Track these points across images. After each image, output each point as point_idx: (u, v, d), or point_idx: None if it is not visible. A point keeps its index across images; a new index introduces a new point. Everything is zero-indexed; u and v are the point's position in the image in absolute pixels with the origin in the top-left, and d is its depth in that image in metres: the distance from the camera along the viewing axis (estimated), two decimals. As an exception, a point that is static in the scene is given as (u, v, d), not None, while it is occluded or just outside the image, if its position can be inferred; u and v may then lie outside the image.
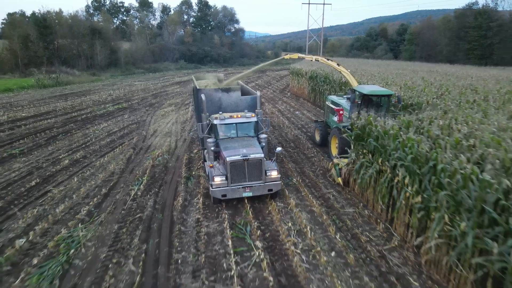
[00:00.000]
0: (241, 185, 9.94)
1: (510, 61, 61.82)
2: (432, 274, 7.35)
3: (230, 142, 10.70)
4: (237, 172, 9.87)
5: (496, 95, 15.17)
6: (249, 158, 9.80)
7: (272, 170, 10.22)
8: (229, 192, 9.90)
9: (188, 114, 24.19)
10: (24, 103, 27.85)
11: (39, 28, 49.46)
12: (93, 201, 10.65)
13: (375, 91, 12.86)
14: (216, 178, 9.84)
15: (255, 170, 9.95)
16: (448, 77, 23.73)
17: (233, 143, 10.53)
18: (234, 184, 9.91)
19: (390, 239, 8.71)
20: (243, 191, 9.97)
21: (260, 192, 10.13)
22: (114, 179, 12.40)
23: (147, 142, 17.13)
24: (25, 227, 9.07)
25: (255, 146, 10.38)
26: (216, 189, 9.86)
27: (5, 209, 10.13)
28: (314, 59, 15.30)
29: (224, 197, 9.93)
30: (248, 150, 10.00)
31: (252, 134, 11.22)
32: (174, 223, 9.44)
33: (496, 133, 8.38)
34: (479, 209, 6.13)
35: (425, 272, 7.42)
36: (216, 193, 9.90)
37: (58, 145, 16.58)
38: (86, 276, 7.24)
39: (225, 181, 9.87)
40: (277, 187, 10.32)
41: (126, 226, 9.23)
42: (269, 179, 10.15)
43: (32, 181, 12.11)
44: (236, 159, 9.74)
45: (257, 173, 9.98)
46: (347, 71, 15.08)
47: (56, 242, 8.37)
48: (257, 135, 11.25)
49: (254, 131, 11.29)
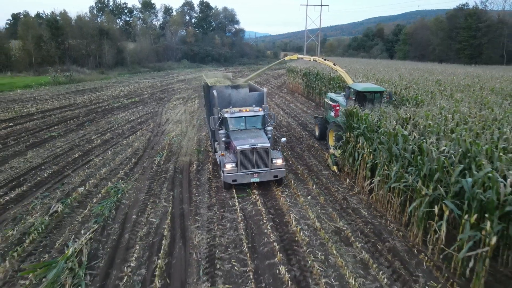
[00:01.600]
0: (249, 171, 10.97)
1: (497, 60, 64.89)
2: (376, 207, 10.39)
3: (239, 133, 11.70)
4: (246, 159, 10.90)
5: (455, 87, 18.21)
6: (257, 147, 10.82)
7: (277, 158, 11.25)
8: (239, 177, 10.92)
9: (194, 106, 27.23)
10: (46, 97, 30.87)
11: (51, 29, 52.49)
12: (126, 167, 13.70)
13: (368, 88, 14.04)
14: (227, 165, 10.88)
15: (262, 158, 10.99)
16: (425, 74, 26.73)
17: (242, 134, 11.55)
18: (243, 171, 10.93)
19: (352, 189, 11.76)
20: (251, 177, 10.98)
21: (267, 178, 11.17)
22: (139, 153, 15.45)
23: (162, 128, 20.17)
24: (80, 181, 12.13)
25: (262, 137, 11.40)
26: (227, 174, 10.89)
27: (61, 171, 13.17)
28: (312, 59, 16.40)
29: (234, 182, 11.01)
30: (256, 140, 11.02)
31: (259, 127, 12.26)
32: (191, 180, 12.49)
33: (431, 110, 11.48)
34: (402, 155, 9.16)
35: (372, 207, 10.45)
36: (227, 178, 10.95)
37: (87, 129, 19.63)
38: (132, 209, 10.29)
39: (235, 168, 10.88)
40: (282, 174, 11.36)
41: (155, 182, 12.27)
42: (275, 166, 11.18)
43: (75, 154, 15.17)
44: (245, 147, 10.78)
45: (264, 160, 11.02)
46: (342, 70, 16.18)
47: (106, 190, 11.42)
48: (264, 127, 12.29)
49: (261, 123, 12.34)
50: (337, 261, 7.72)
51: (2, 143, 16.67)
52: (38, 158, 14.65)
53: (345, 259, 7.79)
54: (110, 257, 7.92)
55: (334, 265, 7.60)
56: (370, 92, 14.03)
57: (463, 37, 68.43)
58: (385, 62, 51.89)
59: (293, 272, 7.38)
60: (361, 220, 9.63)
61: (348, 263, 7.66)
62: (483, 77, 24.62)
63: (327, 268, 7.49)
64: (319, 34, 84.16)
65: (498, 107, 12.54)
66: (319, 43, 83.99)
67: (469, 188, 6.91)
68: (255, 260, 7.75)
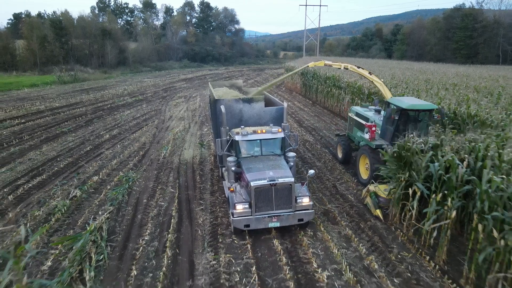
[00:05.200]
0: (267, 214, 8.60)
1: (493, 60, 66.07)
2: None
3: (253, 162, 9.34)
4: (262, 199, 8.54)
5: (442, 85, 19.40)
6: (277, 183, 8.44)
7: (303, 197, 8.81)
8: (253, 222, 8.54)
9: (196, 104, 28.41)
10: (52, 96, 32.04)
11: (55, 29, 53.67)
12: (135, 159, 14.87)
13: (415, 105, 10.97)
14: (238, 206, 8.49)
15: (283, 197, 8.61)
16: (417, 73, 27.91)
17: (258, 164, 9.19)
18: (259, 213, 8.57)
19: (343, 178, 12.93)
20: (269, 221, 8.61)
21: (289, 223, 8.76)
22: (146, 147, 16.62)
23: (166, 124, 21.35)
24: (94, 171, 13.31)
25: (283, 167, 9.04)
26: (237, 218, 8.49)
27: (75, 163, 14.36)
28: (343, 67, 13.66)
29: (247, 228, 8.60)
30: (276, 173, 8.66)
31: (278, 152, 9.86)
32: (195, 170, 13.66)
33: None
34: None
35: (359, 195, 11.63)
36: (237, 223, 8.53)
37: (96, 126, 20.80)
38: (143, 194, 11.46)
39: (249, 209, 8.51)
40: (309, 217, 8.89)
41: (162, 171, 13.45)
42: (299, 207, 8.75)
43: (87, 147, 16.36)
44: (261, 184, 8.41)
45: (286, 200, 8.63)
46: (380, 80, 13.34)
47: (118, 178, 12.59)
48: (284, 153, 9.93)
49: (280, 148, 9.93)
50: (324, 236, 8.91)
51: (18, 137, 17.84)
52: (52, 151, 15.83)
53: (331, 235, 8.98)
54: (126, 232, 9.10)
55: (321, 239, 8.79)
56: (418, 111, 11.18)
57: (459, 37, 69.60)
58: (381, 62, 53.02)
59: (285, 245, 8.56)
60: (347, 204, 10.80)
61: (333, 238, 8.84)
62: (472, 76, 25.77)
63: (314, 242, 8.67)
64: (318, 34, 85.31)
65: (476, 104, 13.73)
66: (318, 43, 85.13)
67: (435, 171, 8.09)
68: (252, 236, 8.91)
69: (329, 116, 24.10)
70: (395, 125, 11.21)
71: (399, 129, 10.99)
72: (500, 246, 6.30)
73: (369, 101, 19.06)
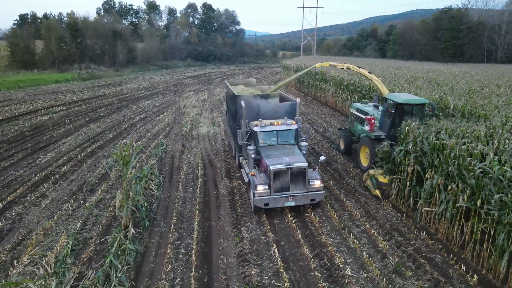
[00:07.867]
0: (284, 194, 9.79)
1: (478, 59, 70.68)
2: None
3: (271, 150, 10.69)
4: (280, 181, 9.75)
5: (420, 81, 23.87)
6: (293, 167, 9.70)
7: (315, 180, 10.07)
8: (271, 201, 9.74)
9: (205, 96, 33.10)
10: (78, 90, 36.67)
11: (71, 30, 58.33)
12: (163, 133, 19.53)
13: (410, 100, 12.39)
14: (259, 187, 9.72)
15: (298, 179, 9.83)
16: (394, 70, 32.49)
17: (275, 151, 10.50)
18: (277, 193, 9.78)
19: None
20: (285, 200, 9.80)
21: (303, 202, 10.03)
22: (170, 125, 21.30)
23: (182, 111, 26.00)
24: (136, 139, 17.95)
25: (297, 154, 10.34)
26: (258, 198, 9.72)
27: (119, 135, 19.03)
28: (345, 67, 14.99)
29: (267, 206, 9.77)
30: (291, 159, 9.92)
31: (292, 142, 11.26)
32: (210, 140, 18.33)
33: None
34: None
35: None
36: (258, 202, 9.75)
37: (125, 111, 25.46)
38: (175, 152, 16.13)
39: (268, 190, 9.72)
40: (320, 197, 10.20)
41: (186, 140, 18.12)
42: (312, 189, 10.01)
43: (124, 125, 21.06)
44: (279, 168, 9.66)
45: (301, 182, 9.87)
46: (378, 79, 14.83)
47: (155, 144, 17.23)
48: (298, 142, 11.39)
49: (294, 138, 11.38)
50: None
51: (68, 119, 22.51)
52: (98, 128, 20.50)
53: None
54: (169, 171, 13.77)
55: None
56: (411, 105, 12.51)
57: (447, 37, 74.26)
58: (371, 61, 57.63)
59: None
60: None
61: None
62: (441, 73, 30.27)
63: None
64: (315, 34, 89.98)
65: (429, 93, 18.19)
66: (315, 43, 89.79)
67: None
68: (253, 172, 13.52)
69: (317, 105, 28.80)
70: (391, 118, 12.58)
71: (395, 121, 12.37)
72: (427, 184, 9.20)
73: (359, 96, 23.42)
